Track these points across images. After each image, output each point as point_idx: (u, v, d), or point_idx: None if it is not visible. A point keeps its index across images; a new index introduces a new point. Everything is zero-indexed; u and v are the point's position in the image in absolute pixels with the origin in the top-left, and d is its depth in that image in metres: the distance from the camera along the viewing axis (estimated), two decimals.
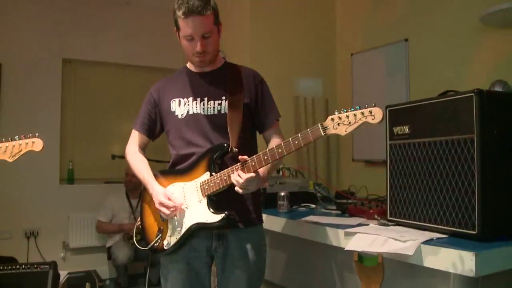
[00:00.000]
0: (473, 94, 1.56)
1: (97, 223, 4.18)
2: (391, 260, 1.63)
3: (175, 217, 1.69)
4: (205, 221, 1.63)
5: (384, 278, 1.54)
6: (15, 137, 1.66)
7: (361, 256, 1.60)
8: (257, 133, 1.89)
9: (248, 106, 1.76)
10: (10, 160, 1.65)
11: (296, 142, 1.48)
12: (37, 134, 1.65)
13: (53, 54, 4.42)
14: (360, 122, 1.39)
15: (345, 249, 1.71)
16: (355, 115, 1.40)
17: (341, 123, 1.42)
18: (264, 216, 2.41)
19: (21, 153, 1.64)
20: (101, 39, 4.64)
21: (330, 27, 4.34)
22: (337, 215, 2.32)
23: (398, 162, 1.91)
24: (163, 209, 1.66)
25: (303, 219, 2.18)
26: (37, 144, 1.65)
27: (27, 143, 1.64)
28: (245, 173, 1.55)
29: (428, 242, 1.55)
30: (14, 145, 1.65)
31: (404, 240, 1.58)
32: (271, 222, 2.37)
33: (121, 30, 4.72)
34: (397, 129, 1.93)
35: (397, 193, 1.91)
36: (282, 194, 2.54)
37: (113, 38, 4.68)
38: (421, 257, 1.52)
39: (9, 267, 2.99)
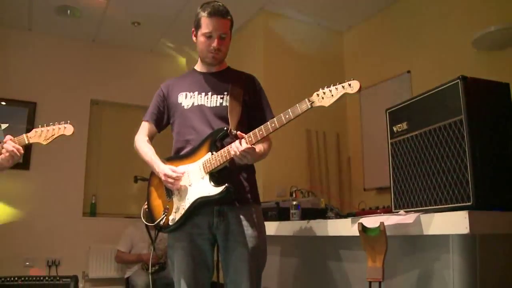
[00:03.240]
0: (458, 80, 1.74)
1: (117, 253, 4.27)
2: (393, 238, 1.73)
3: (180, 195, 1.85)
4: (207, 194, 1.78)
5: (387, 249, 1.64)
6: (50, 123, 1.89)
7: (365, 226, 1.72)
8: None
9: (247, 103, 1.98)
10: (44, 143, 1.86)
11: (287, 116, 1.68)
12: (68, 121, 1.88)
13: (82, 95, 4.81)
14: (341, 93, 1.62)
15: (351, 228, 1.83)
16: (336, 88, 1.63)
17: (325, 97, 1.64)
18: (275, 223, 2.55)
19: (54, 136, 1.86)
20: (126, 82, 5.02)
21: (339, 64, 4.64)
22: None
23: (399, 156, 2.04)
24: (169, 180, 1.83)
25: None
26: (68, 129, 1.87)
27: (59, 128, 1.86)
28: None
29: (427, 213, 1.67)
30: (48, 130, 1.87)
31: (404, 214, 1.71)
32: (283, 227, 2.48)
33: (144, 74, 5.10)
34: (396, 127, 2.09)
35: (399, 185, 2.02)
36: (294, 203, 2.66)
37: (137, 81, 5.04)
38: (421, 226, 1.63)
39: (34, 278, 3.13)
